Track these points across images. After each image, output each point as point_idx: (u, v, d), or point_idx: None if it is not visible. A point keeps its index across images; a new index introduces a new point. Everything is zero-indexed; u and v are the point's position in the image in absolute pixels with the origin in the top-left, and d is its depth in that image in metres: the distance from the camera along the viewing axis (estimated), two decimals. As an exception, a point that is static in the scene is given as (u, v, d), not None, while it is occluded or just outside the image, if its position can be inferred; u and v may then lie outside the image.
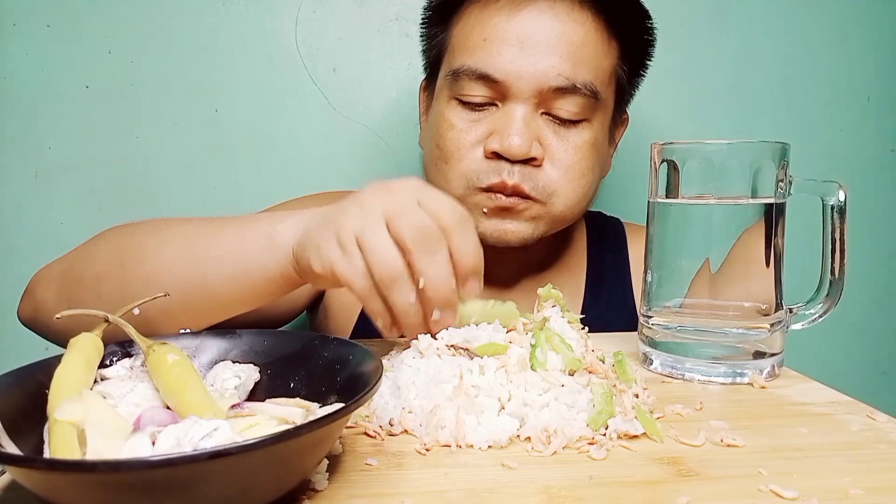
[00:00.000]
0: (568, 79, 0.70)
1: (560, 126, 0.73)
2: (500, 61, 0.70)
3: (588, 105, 0.72)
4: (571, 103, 0.72)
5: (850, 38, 1.15)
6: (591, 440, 0.41)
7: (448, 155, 0.74)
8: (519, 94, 0.71)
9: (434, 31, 0.80)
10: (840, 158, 1.17)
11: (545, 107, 0.72)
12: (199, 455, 0.27)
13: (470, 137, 0.73)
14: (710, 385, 0.53)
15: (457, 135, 0.73)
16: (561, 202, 0.74)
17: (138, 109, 1.03)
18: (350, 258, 0.47)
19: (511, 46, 0.70)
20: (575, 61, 0.71)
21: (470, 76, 0.72)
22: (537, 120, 0.72)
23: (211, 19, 1.02)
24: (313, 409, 0.36)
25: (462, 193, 0.73)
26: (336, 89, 1.06)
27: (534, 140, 0.71)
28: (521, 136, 0.69)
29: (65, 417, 0.33)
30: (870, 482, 0.36)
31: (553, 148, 0.72)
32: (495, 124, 0.72)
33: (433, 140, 0.77)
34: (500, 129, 0.71)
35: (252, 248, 0.53)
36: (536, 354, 0.44)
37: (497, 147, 0.70)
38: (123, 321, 0.43)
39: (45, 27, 1.00)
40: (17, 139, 1.01)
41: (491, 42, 0.71)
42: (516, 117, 0.70)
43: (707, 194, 0.54)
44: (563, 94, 0.71)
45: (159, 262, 0.56)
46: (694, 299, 0.55)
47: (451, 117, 0.74)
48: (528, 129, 0.71)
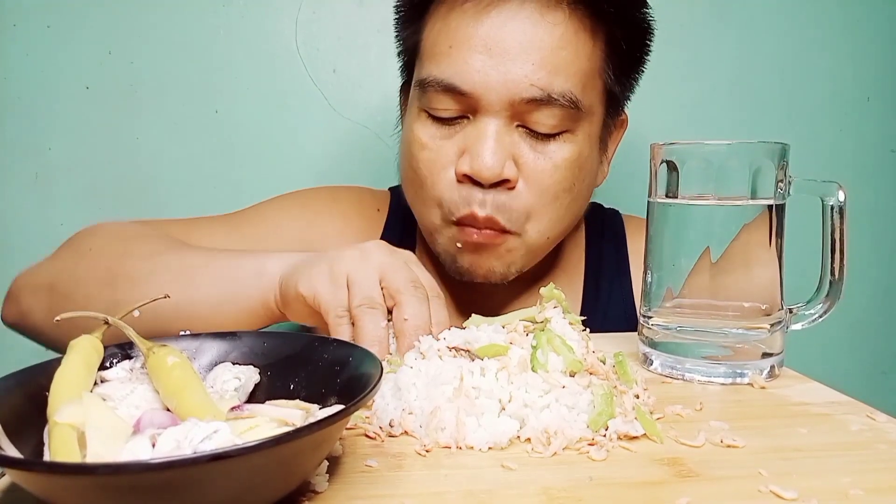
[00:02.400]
0: (542, 89, 0.64)
1: (538, 141, 0.66)
2: (467, 71, 0.64)
3: (568, 116, 0.66)
4: (548, 115, 0.65)
5: (850, 39, 1.15)
6: (591, 441, 0.41)
7: (422, 179, 0.70)
8: (489, 108, 0.65)
9: (406, 33, 0.74)
10: (840, 158, 1.17)
11: (520, 119, 0.66)
12: (199, 457, 0.27)
13: (441, 159, 0.68)
14: (710, 385, 0.53)
15: (428, 156, 0.69)
16: (535, 229, 0.69)
17: (138, 110, 1.03)
18: (335, 290, 0.51)
19: (478, 54, 0.64)
20: (550, 68, 0.64)
21: (436, 88, 0.66)
22: (512, 134, 0.66)
23: (211, 19, 1.02)
24: (313, 411, 0.36)
25: (439, 224, 0.70)
26: (336, 89, 1.06)
27: (507, 159, 0.65)
28: (493, 154, 0.64)
29: (65, 420, 0.33)
30: (870, 482, 0.36)
31: (529, 167, 0.66)
32: (466, 140, 0.66)
33: (406, 159, 0.73)
34: (470, 146, 0.65)
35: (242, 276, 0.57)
36: (537, 356, 0.44)
37: (468, 170, 0.65)
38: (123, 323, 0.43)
39: (45, 27, 1.00)
40: (17, 139, 1.01)
41: (457, 50, 0.65)
42: (487, 134, 0.65)
43: (707, 194, 0.54)
44: (538, 105, 0.64)
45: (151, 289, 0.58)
46: (694, 299, 0.55)
47: (422, 135, 0.69)
48: (501, 147, 0.65)
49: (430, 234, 0.73)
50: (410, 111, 0.72)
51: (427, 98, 0.68)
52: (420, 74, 0.69)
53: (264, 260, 0.58)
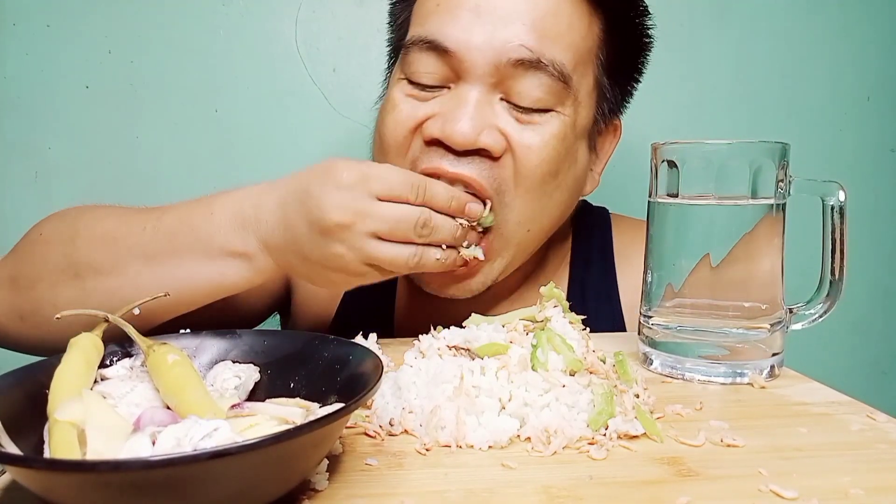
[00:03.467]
0: (532, 51, 0.59)
1: (522, 114, 0.61)
2: (453, 29, 0.60)
3: (555, 89, 0.60)
4: (535, 85, 0.60)
5: (850, 39, 1.15)
6: (591, 440, 0.41)
7: (384, 143, 0.64)
8: (472, 70, 0.59)
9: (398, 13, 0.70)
10: (840, 158, 1.17)
11: (503, 90, 0.61)
12: (200, 455, 0.27)
13: (410, 122, 0.62)
14: (710, 385, 0.53)
15: (395, 117, 0.62)
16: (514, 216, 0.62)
17: (138, 109, 1.03)
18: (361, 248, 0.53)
19: (467, 11, 0.60)
20: (542, 32, 0.59)
21: (420, 47, 0.61)
22: (494, 105, 0.60)
23: (211, 19, 1.02)
24: (313, 409, 0.36)
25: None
26: (336, 89, 1.06)
27: (487, 127, 0.59)
28: (470, 120, 0.58)
29: (65, 417, 0.33)
30: (870, 482, 0.36)
31: (515, 139, 0.60)
32: (441, 106, 0.61)
33: (377, 127, 0.67)
34: (445, 112, 0.60)
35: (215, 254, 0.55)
36: (537, 355, 0.44)
37: (437, 132, 0.59)
38: (124, 322, 0.43)
39: (45, 27, 1.00)
40: (17, 139, 1.01)
41: (444, 8, 0.61)
42: (467, 100, 0.59)
43: (707, 194, 0.54)
44: (525, 70, 0.59)
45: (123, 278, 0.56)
46: (694, 299, 0.55)
47: (396, 97, 0.63)
48: (481, 115, 0.59)
49: None
50: (391, 82, 0.68)
51: (408, 60, 0.63)
52: (405, 40, 0.65)
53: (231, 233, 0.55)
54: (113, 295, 0.55)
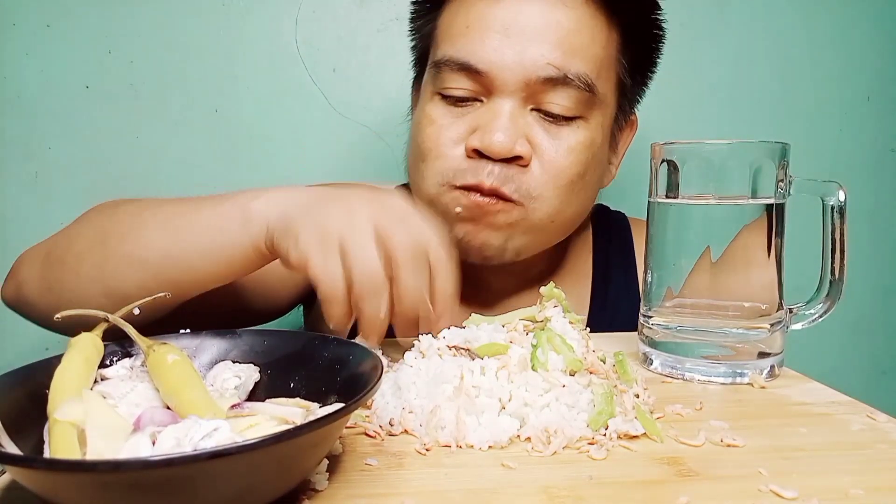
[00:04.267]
0: (558, 68, 0.64)
1: (552, 124, 0.66)
2: (483, 50, 0.64)
3: (583, 100, 0.66)
4: (564, 97, 0.65)
5: (850, 38, 1.15)
6: (591, 440, 0.41)
7: (426, 152, 0.69)
8: (504, 87, 0.65)
9: (421, 24, 0.75)
10: (840, 158, 1.17)
11: (534, 102, 0.66)
12: (200, 455, 0.27)
13: (451, 134, 0.67)
14: (710, 385, 0.53)
15: (436, 131, 0.68)
16: (543, 208, 0.67)
17: (138, 109, 1.03)
18: (327, 260, 0.47)
19: (495, 34, 0.64)
20: (566, 49, 0.64)
21: (452, 67, 0.66)
22: (526, 116, 0.66)
23: (211, 19, 1.02)
24: (313, 409, 0.36)
25: (436, 192, 0.68)
26: (336, 89, 1.06)
27: (520, 137, 0.65)
28: (505, 132, 0.63)
29: (65, 417, 0.33)
30: (870, 482, 0.36)
31: (543, 148, 0.66)
32: (478, 120, 0.66)
33: (414, 138, 0.72)
34: (482, 125, 0.65)
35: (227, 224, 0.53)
36: (537, 355, 0.44)
37: (478, 144, 0.64)
38: (123, 322, 0.43)
39: (45, 27, 1.00)
40: (17, 139, 1.01)
41: (474, 30, 0.65)
42: (501, 112, 0.64)
43: (707, 194, 0.54)
44: (554, 86, 0.64)
45: (139, 241, 0.56)
46: (694, 299, 0.55)
47: (432, 112, 0.69)
48: (515, 126, 0.64)
49: (430, 204, 0.69)
50: (423, 97, 0.73)
51: (441, 78, 0.68)
52: (436, 56, 0.69)
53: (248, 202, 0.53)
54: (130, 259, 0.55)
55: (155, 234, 0.56)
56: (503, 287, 0.78)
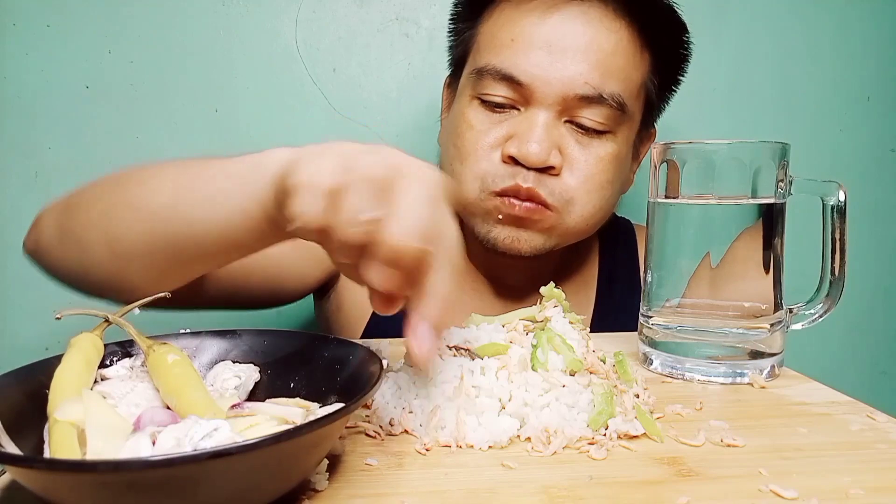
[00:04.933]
0: (595, 88, 0.68)
1: (583, 136, 0.71)
2: (527, 64, 0.69)
3: (614, 117, 0.70)
4: (596, 114, 0.70)
5: (850, 38, 1.15)
6: (591, 440, 0.41)
7: (464, 155, 0.73)
8: (543, 100, 0.69)
9: (462, 27, 0.78)
10: (840, 158, 1.17)
11: (569, 115, 0.70)
12: (200, 455, 0.27)
13: (488, 139, 0.71)
14: (710, 385, 0.53)
15: (475, 135, 0.72)
16: (576, 213, 0.72)
17: (138, 109, 1.03)
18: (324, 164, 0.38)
19: (539, 50, 0.69)
20: (604, 70, 0.69)
21: (494, 76, 0.70)
22: (559, 128, 0.70)
23: (211, 19, 1.02)
24: (313, 409, 0.36)
25: (476, 196, 0.72)
26: (336, 89, 1.06)
27: (554, 148, 0.69)
28: (540, 142, 0.68)
29: (65, 417, 0.33)
30: (870, 482, 0.36)
31: (574, 157, 0.70)
32: (516, 128, 0.70)
33: (451, 139, 0.76)
34: (519, 133, 0.69)
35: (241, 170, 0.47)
36: (537, 355, 0.44)
37: (514, 152, 0.68)
38: (124, 321, 0.43)
39: (45, 27, 1.00)
40: (17, 139, 1.01)
41: (518, 43, 0.70)
42: (538, 123, 0.69)
43: (707, 194, 0.54)
44: (589, 103, 0.69)
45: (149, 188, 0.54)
46: (694, 299, 0.55)
47: (471, 117, 0.73)
48: (549, 137, 0.69)
49: (470, 206, 0.73)
50: (460, 99, 0.76)
51: (482, 85, 0.72)
52: (477, 63, 0.73)
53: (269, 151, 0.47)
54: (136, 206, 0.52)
55: (166, 183, 0.52)
56: (515, 284, 0.82)
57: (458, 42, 0.79)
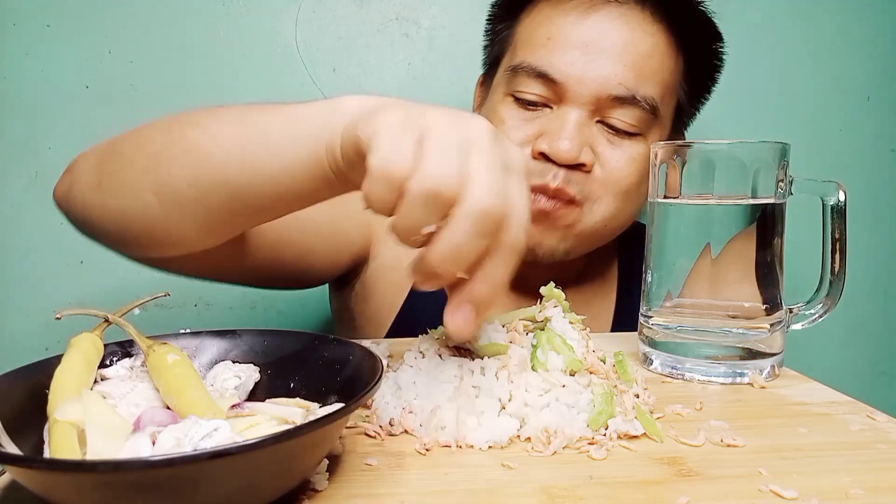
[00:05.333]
0: (629, 89, 0.69)
1: (614, 136, 0.71)
2: (562, 62, 0.69)
3: (645, 119, 0.70)
4: (628, 115, 0.70)
5: (850, 38, 1.15)
6: (591, 440, 0.41)
7: None
8: (576, 99, 0.69)
9: (499, 27, 0.79)
10: (840, 158, 1.17)
11: (601, 115, 0.70)
12: (200, 455, 0.27)
13: (520, 135, 0.71)
14: (710, 385, 0.53)
15: (506, 131, 0.72)
16: (599, 211, 0.72)
17: (138, 109, 1.03)
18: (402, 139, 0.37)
19: (575, 49, 0.69)
20: (638, 72, 0.69)
21: (529, 73, 0.70)
22: (591, 127, 0.70)
23: (211, 19, 1.02)
24: (313, 409, 0.36)
25: None
26: (336, 89, 1.06)
27: (585, 146, 0.69)
28: (572, 140, 0.68)
29: (65, 417, 0.33)
30: (870, 482, 0.36)
31: (605, 157, 0.71)
32: (547, 126, 0.70)
33: None
34: (551, 130, 0.69)
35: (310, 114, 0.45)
36: (537, 355, 0.44)
37: (546, 148, 0.69)
38: (124, 321, 0.43)
39: (45, 27, 1.00)
40: (17, 139, 1.01)
41: (555, 42, 0.70)
42: (570, 121, 0.69)
43: (707, 194, 0.54)
44: (622, 104, 0.69)
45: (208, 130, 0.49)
46: (693, 299, 0.55)
47: (504, 113, 0.73)
48: (581, 135, 0.69)
49: None
50: (494, 95, 0.76)
51: (516, 82, 0.72)
52: (513, 60, 0.73)
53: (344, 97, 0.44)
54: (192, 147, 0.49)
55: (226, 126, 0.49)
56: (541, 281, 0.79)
57: (494, 41, 0.80)
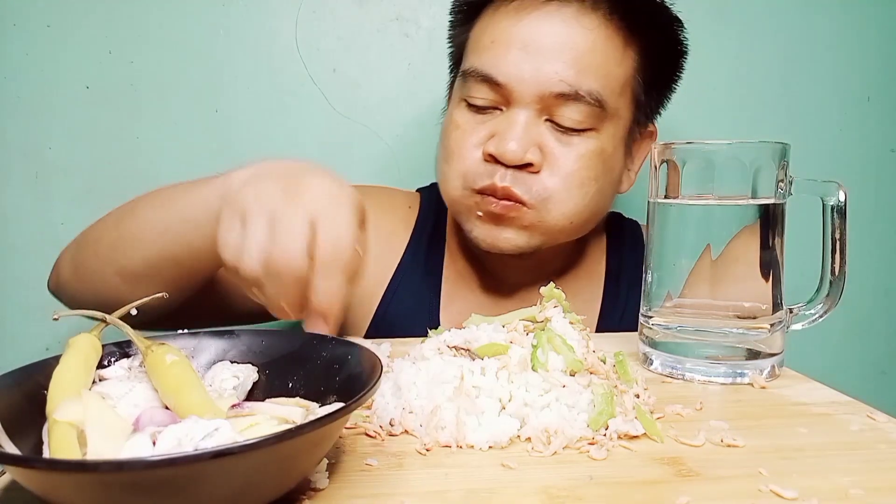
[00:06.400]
0: (571, 85, 0.68)
1: (563, 134, 0.71)
2: (504, 64, 0.69)
3: (593, 114, 0.70)
4: (575, 111, 0.69)
5: (850, 38, 1.15)
6: (591, 440, 0.41)
7: (449, 154, 0.74)
8: (521, 99, 0.70)
9: (457, 32, 0.80)
10: (840, 158, 1.17)
11: (548, 113, 0.70)
12: (202, 454, 0.27)
13: (472, 139, 0.72)
14: (710, 385, 0.53)
15: (460, 135, 0.73)
16: (557, 210, 0.71)
17: (138, 109, 1.03)
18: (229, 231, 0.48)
19: (516, 50, 0.69)
20: (580, 68, 0.69)
21: (476, 78, 0.72)
22: (539, 126, 0.71)
23: (211, 19, 1.02)
24: (313, 409, 0.36)
25: (460, 194, 0.73)
26: (336, 89, 1.06)
27: (533, 146, 0.69)
28: (517, 141, 0.68)
29: (65, 418, 0.33)
30: (870, 482, 0.36)
31: (554, 155, 0.70)
32: (496, 127, 0.71)
33: (441, 140, 0.78)
34: (499, 132, 0.70)
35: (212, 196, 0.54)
36: (537, 355, 0.44)
37: (493, 150, 0.69)
38: (121, 322, 0.43)
39: (45, 27, 0.99)
40: (17, 139, 1.01)
41: (497, 45, 0.71)
42: (517, 122, 0.69)
43: (707, 194, 0.54)
44: (566, 101, 0.69)
45: (143, 219, 0.61)
46: (693, 299, 0.55)
47: (458, 118, 0.74)
48: (528, 135, 0.69)
49: (452, 205, 0.77)
50: (452, 101, 0.78)
51: (467, 87, 0.73)
52: (464, 66, 0.75)
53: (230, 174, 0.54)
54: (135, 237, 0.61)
55: (156, 213, 0.60)
56: (519, 280, 0.82)
57: (455, 47, 0.81)
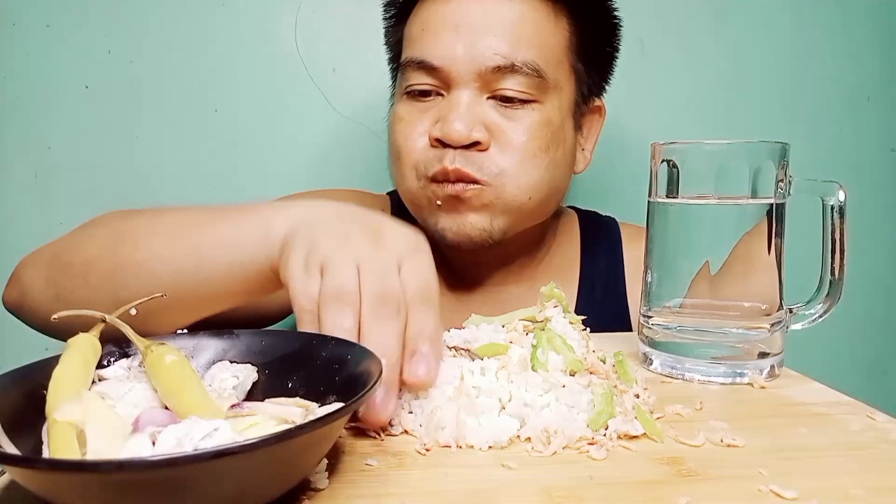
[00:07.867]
0: (505, 57, 0.69)
1: (507, 108, 0.71)
2: (438, 48, 0.70)
3: (534, 84, 0.70)
4: (515, 83, 0.70)
5: (850, 38, 1.15)
6: (591, 440, 0.40)
7: (399, 148, 0.74)
8: (459, 80, 0.70)
9: (392, 31, 0.80)
10: (840, 158, 1.17)
11: (489, 90, 0.71)
12: (202, 454, 0.27)
13: (418, 128, 0.72)
14: (710, 385, 0.53)
15: (405, 127, 0.73)
16: (512, 184, 0.71)
17: (138, 109, 1.03)
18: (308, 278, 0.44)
19: (447, 32, 0.70)
20: (513, 40, 0.69)
21: (413, 67, 0.72)
22: (482, 104, 0.71)
23: (211, 19, 1.02)
24: (313, 409, 0.36)
25: (416, 186, 0.73)
26: (336, 89, 1.06)
27: (478, 124, 0.69)
28: (462, 120, 0.68)
29: (64, 418, 0.33)
30: (870, 482, 0.36)
31: (500, 130, 0.70)
32: (440, 112, 0.71)
33: (389, 140, 0.78)
34: (443, 115, 0.70)
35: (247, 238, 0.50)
36: (537, 355, 0.44)
37: (439, 133, 0.69)
38: (121, 322, 0.43)
39: (45, 27, 1.00)
40: (17, 139, 1.01)
41: (428, 31, 0.72)
42: (459, 102, 0.70)
43: (707, 194, 0.54)
44: (504, 73, 0.69)
45: (151, 251, 0.53)
46: (694, 299, 0.55)
47: (401, 111, 0.74)
48: (472, 114, 0.69)
49: (412, 201, 0.76)
50: (395, 98, 0.78)
51: (406, 77, 0.74)
52: (401, 60, 0.75)
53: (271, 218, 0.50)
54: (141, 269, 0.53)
55: (169, 246, 0.53)
56: (482, 276, 0.82)
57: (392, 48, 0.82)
